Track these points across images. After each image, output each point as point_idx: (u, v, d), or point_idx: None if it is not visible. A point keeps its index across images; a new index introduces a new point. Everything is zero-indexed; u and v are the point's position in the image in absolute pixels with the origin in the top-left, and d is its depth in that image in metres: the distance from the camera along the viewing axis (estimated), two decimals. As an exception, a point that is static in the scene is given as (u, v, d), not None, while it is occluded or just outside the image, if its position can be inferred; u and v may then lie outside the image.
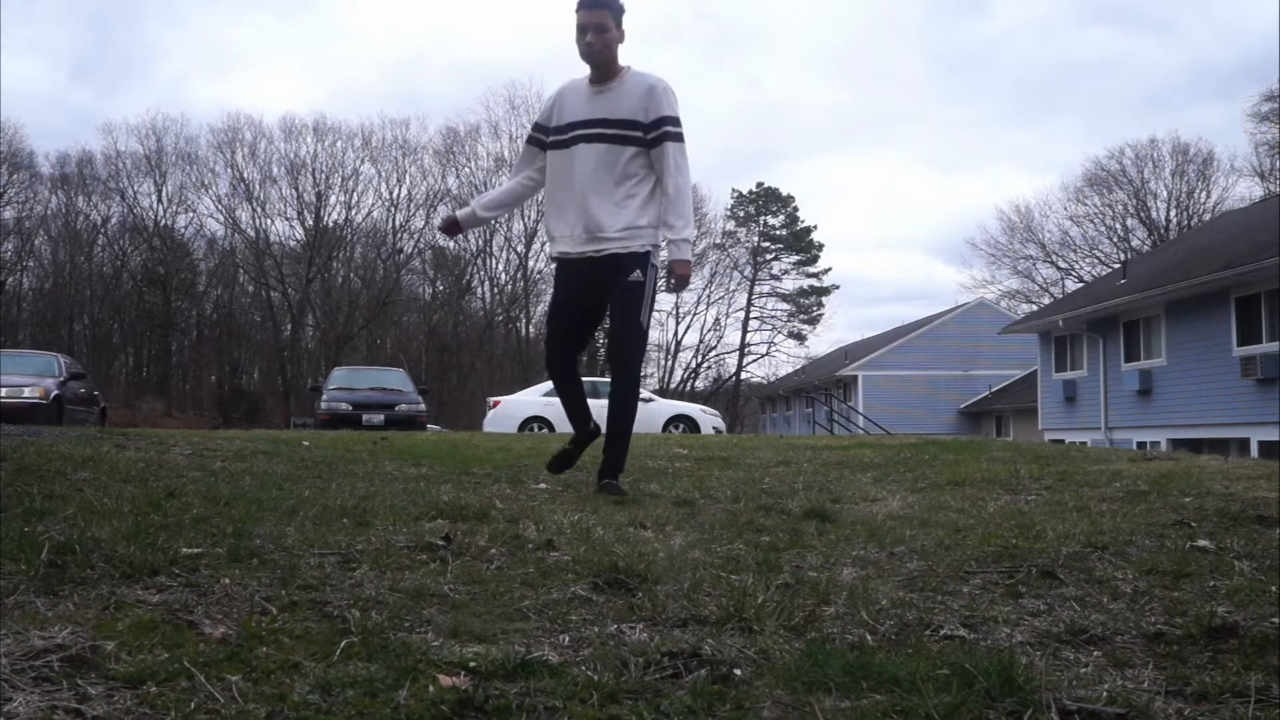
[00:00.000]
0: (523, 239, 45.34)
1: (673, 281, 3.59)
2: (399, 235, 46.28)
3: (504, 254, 46.40)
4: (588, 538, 2.32)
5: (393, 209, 45.47)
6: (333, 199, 45.38)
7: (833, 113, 70.57)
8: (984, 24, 68.88)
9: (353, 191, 45.44)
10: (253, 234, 44.76)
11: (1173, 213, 40.55)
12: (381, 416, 16.35)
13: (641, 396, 6.41)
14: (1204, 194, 40.70)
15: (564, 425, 16.08)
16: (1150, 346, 18.76)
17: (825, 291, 48.80)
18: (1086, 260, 41.99)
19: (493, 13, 68.03)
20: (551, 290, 4.01)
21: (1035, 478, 3.98)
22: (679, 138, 3.51)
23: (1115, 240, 41.42)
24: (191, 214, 49.98)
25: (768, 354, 48.92)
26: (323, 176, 44.93)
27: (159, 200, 44.63)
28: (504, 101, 47.32)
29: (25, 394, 12.97)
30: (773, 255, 48.64)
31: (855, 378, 34.00)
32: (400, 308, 47.36)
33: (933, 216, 74.44)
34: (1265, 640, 1.32)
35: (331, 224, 45.48)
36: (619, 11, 3.53)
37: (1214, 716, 1.04)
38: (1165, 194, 40.81)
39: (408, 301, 47.93)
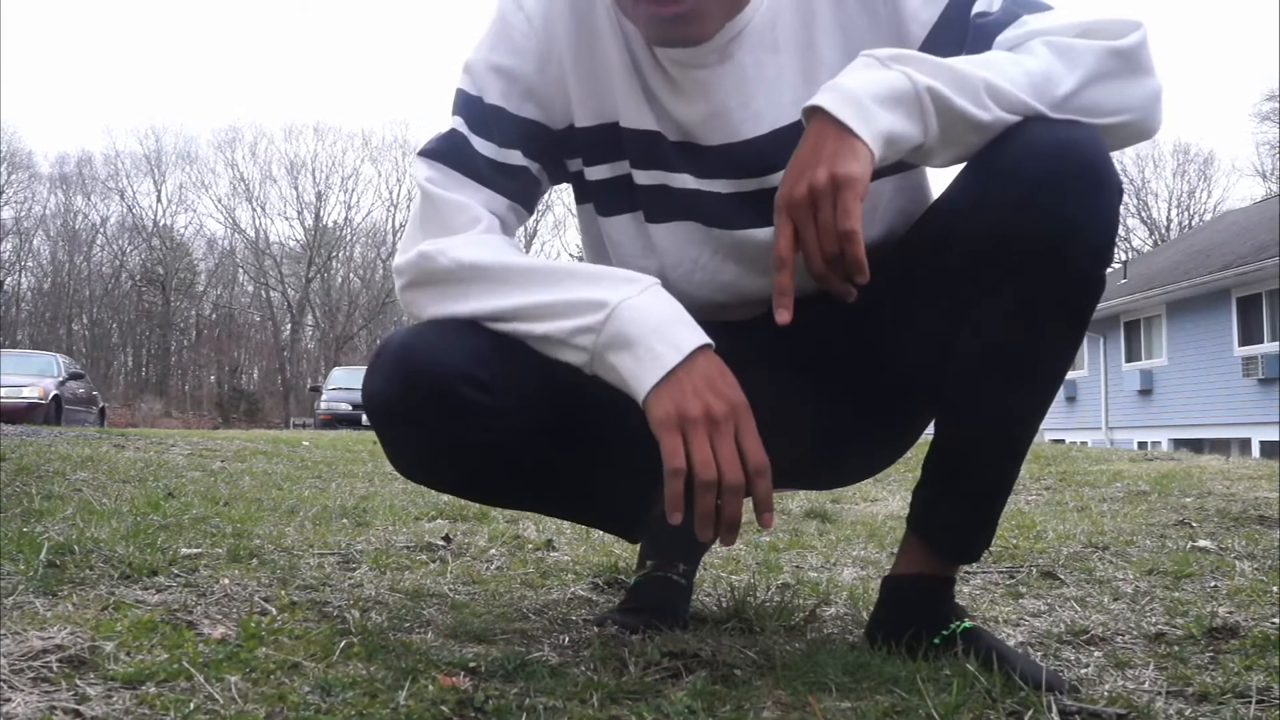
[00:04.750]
0: (522, 238, 45.32)
1: None
2: (399, 235, 46.27)
3: (504, 254, 46.38)
4: (588, 538, 2.31)
5: (393, 209, 45.50)
6: (332, 199, 45.49)
7: (833, 113, 70.50)
8: (984, 24, 68.83)
9: (352, 191, 45.54)
10: (252, 234, 44.81)
11: (1173, 212, 40.57)
12: (381, 416, 16.31)
13: None
14: (1205, 194, 40.74)
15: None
16: (1151, 346, 18.76)
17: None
18: (1086, 260, 41.98)
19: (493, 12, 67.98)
20: None
21: (1036, 478, 3.97)
22: None
23: (1116, 240, 41.39)
24: (191, 214, 50.07)
25: (768, 354, 48.91)
26: (323, 176, 45.03)
27: (158, 200, 44.70)
28: (504, 101, 47.01)
29: (24, 394, 12.98)
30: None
31: (855, 378, 33.94)
32: (400, 308, 47.29)
33: (933, 216, 74.37)
34: (1266, 640, 1.31)
35: (331, 224, 45.54)
36: None
37: (1215, 717, 1.03)
38: (1166, 194, 40.83)
39: (408, 301, 47.82)
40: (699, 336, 1.08)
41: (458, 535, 2.25)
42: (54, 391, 13.59)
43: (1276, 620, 1.44)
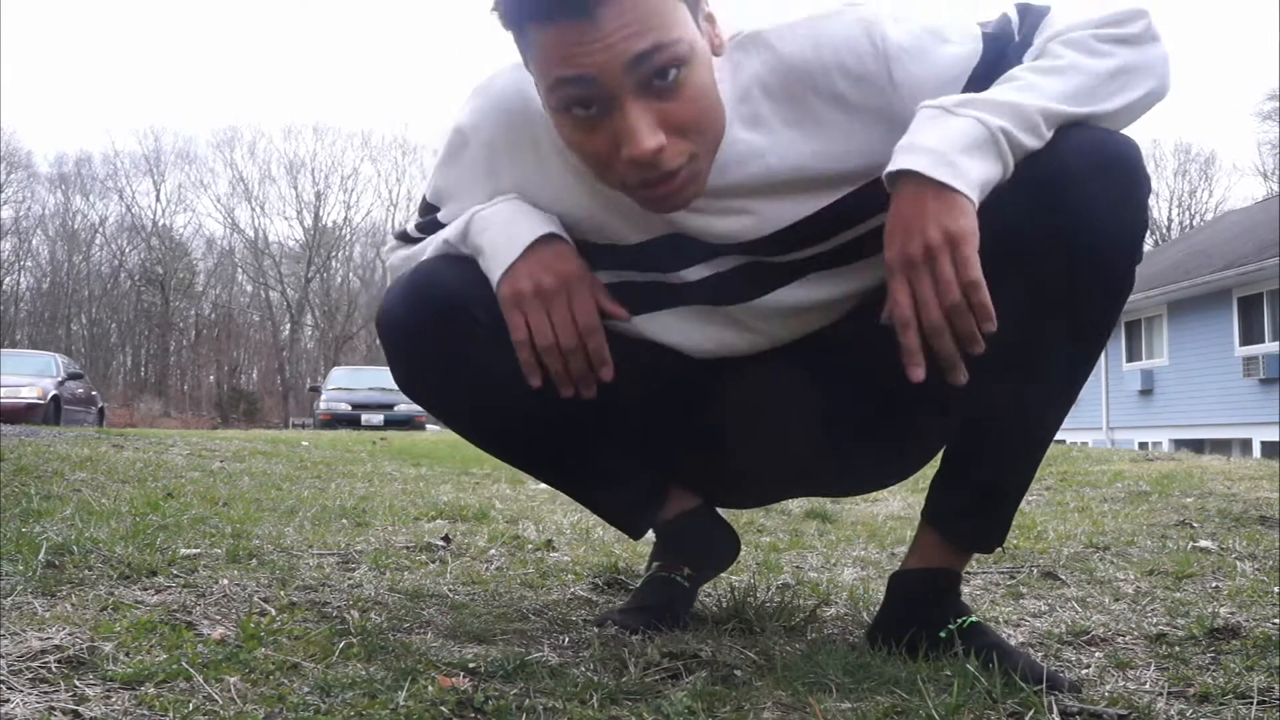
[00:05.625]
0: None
1: None
2: (399, 235, 46.19)
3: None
4: (588, 538, 2.31)
5: (392, 209, 45.49)
6: (332, 198, 45.42)
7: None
8: (984, 24, 68.83)
9: (352, 191, 45.48)
10: (251, 234, 44.81)
11: (1175, 212, 40.56)
12: (380, 416, 16.37)
13: None
14: (1206, 193, 40.71)
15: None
16: (1152, 346, 18.74)
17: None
18: (1087, 260, 41.98)
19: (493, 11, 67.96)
20: None
21: (1036, 478, 3.97)
22: None
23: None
24: (190, 214, 50.09)
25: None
26: (322, 176, 45.01)
27: (157, 200, 44.68)
28: (504, 101, 46.99)
29: (23, 394, 12.97)
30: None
31: (855, 378, 33.92)
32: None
33: (932, 216, 74.32)
34: (1267, 641, 1.31)
35: (330, 224, 45.54)
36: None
37: (1216, 718, 1.03)
38: (1167, 193, 40.80)
39: (407, 301, 47.72)
40: (537, 228, 1.18)
41: (457, 535, 2.25)
42: (53, 391, 13.58)
43: (1277, 621, 1.44)
